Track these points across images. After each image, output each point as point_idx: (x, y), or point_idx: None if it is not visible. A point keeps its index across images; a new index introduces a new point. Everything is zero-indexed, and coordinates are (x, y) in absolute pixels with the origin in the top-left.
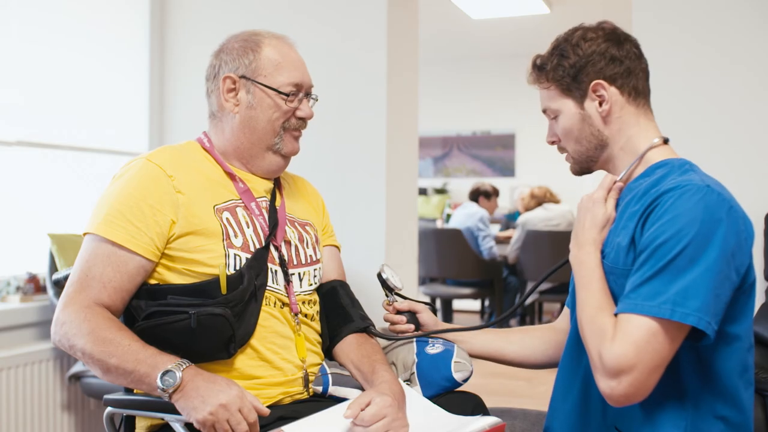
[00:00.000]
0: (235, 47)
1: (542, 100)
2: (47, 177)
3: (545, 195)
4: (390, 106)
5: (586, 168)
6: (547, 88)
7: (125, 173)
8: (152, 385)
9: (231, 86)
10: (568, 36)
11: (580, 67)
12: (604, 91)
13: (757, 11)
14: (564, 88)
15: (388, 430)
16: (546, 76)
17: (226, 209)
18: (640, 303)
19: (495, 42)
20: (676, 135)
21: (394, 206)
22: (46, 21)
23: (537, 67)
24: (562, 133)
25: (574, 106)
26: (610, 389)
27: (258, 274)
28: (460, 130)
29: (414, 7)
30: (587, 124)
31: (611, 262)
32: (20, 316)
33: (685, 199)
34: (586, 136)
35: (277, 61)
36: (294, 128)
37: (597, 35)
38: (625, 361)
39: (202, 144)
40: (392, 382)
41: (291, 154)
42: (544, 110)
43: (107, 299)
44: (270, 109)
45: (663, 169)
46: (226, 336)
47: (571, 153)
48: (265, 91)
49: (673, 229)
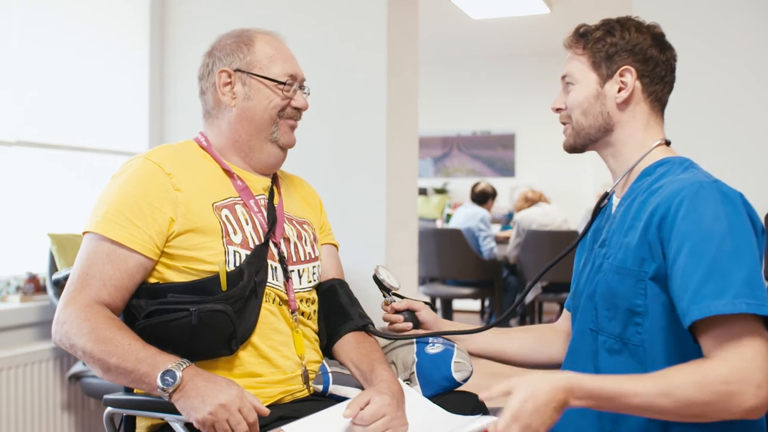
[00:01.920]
0: (228, 43)
1: (568, 63)
2: (47, 177)
3: (539, 199)
4: (390, 106)
5: (581, 144)
6: (581, 55)
7: (124, 172)
8: (152, 384)
9: (227, 80)
10: (621, 20)
11: (619, 49)
12: (630, 80)
13: (757, 11)
14: (595, 61)
15: (387, 428)
16: (584, 43)
17: (225, 207)
18: (711, 304)
19: (495, 42)
20: (676, 135)
21: (394, 206)
22: (46, 21)
23: (579, 33)
24: (573, 103)
25: (595, 82)
26: (759, 398)
27: (258, 271)
28: (460, 130)
29: (414, 8)
30: (600, 102)
31: (618, 262)
32: (20, 316)
33: (703, 197)
34: (594, 113)
35: (271, 53)
36: (289, 117)
37: (648, 32)
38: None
39: (200, 143)
40: (391, 381)
41: (288, 146)
42: (563, 75)
43: (107, 297)
44: (266, 98)
45: (664, 167)
46: (228, 332)
47: (574, 124)
48: (262, 81)
49: (702, 228)
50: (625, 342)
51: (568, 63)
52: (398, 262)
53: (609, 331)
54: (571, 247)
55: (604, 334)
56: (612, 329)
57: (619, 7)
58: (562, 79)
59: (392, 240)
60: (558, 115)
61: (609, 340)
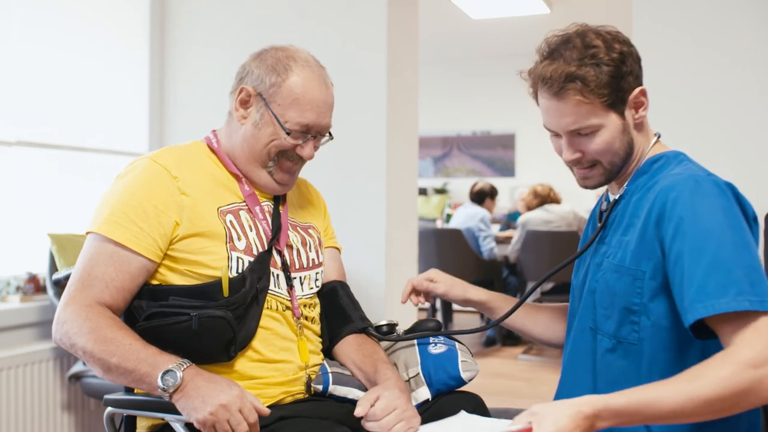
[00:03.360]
0: (268, 62)
1: (573, 117)
2: (47, 177)
3: (548, 194)
4: (390, 106)
5: (611, 180)
6: (588, 103)
7: (129, 172)
8: (153, 384)
9: (245, 99)
10: (591, 42)
11: (622, 75)
12: (644, 98)
13: (757, 11)
14: (609, 102)
15: (400, 420)
16: (587, 90)
17: (230, 212)
18: (716, 302)
19: (495, 42)
20: (676, 135)
21: (394, 206)
22: (46, 21)
23: (566, 79)
24: (602, 148)
25: (617, 118)
26: None
27: (260, 278)
28: (460, 130)
29: (414, 8)
30: (626, 132)
31: (617, 261)
32: (20, 316)
33: (698, 192)
34: (623, 146)
35: (296, 96)
36: (289, 159)
37: (619, 38)
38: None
39: (210, 144)
40: (397, 379)
41: (282, 183)
42: (575, 130)
43: (109, 299)
44: (271, 136)
45: (659, 163)
46: (227, 338)
47: (606, 166)
48: (273, 119)
49: (700, 224)
50: (620, 340)
51: (571, 114)
52: (398, 262)
53: (605, 330)
54: (577, 255)
55: (601, 333)
56: (608, 328)
57: (619, 7)
58: (572, 132)
59: (392, 240)
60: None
61: (605, 339)
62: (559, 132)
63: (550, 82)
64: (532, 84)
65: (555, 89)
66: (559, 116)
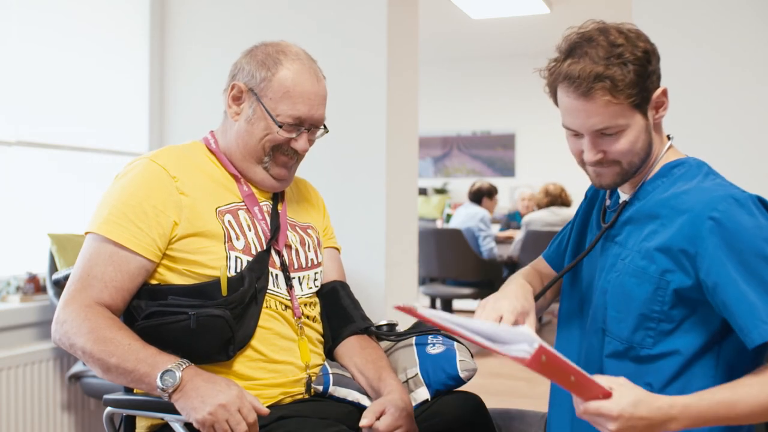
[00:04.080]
0: (258, 57)
1: (601, 117)
2: (47, 177)
3: (560, 194)
4: (390, 106)
5: (626, 180)
6: (617, 104)
7: (128, 173)
8: (152, 384)
9: (237, 95)
10: (613, 40)
11: (648, 74)
12: (665, 98)
13: (757, 11)
14: (636, 102)
15: None
16: (616, 90)
17: (228, 212)
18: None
19: (495, 42)
20: (676, 135)
21: (394, 206)
22: (46, 21)
23: (595, 78)
24: (626, 149)
25: (641, 118)
26: None
27: (259, 277)
28: (460, 130)
29: (414, 8)
30: (647, 132)
31: (637, 266)
32: (20, 316)
33: (741, 212)
34: (644, 147)
35: (287, 89)
36: (284, 154)
37: (641, 36)
38: None
39: (208, 145)
40: (402, 391)
41: (279, 178)
42: (601, 129)
43: (108, 299)
44: (264, 130)
45: (680, 169)
46: (226, 338)
47: (625, 166)
48: (265, 113)
49: (748, 246)
50: (632, 345)
51: (599, 114)
52: (398, 262)
53: (616, 333)
54: (581, 257)
55: (610, 335)
56: (620, 332)
57: (619, 7)
58: (596, 132)
59: (392, 240)
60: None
61: (614, 342)
62: (583, 132)
63: (578, 81)
64: (550, 82)
65: (583, 89)
66: (586, 116)
